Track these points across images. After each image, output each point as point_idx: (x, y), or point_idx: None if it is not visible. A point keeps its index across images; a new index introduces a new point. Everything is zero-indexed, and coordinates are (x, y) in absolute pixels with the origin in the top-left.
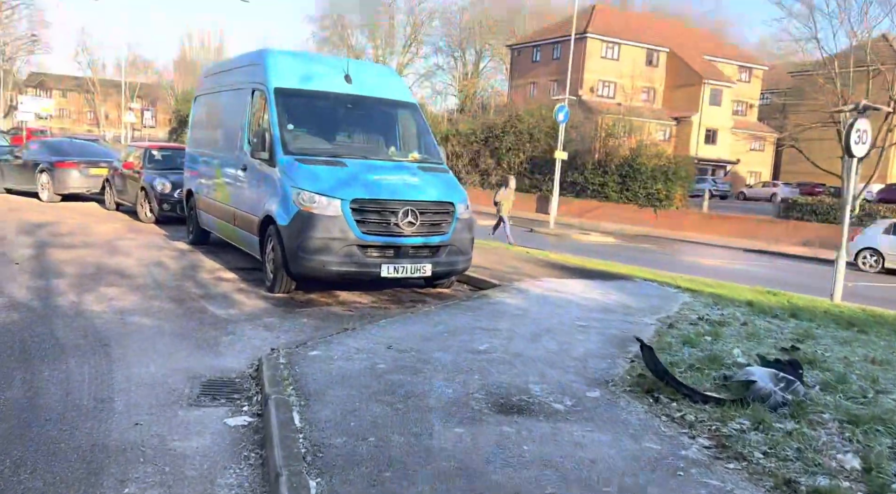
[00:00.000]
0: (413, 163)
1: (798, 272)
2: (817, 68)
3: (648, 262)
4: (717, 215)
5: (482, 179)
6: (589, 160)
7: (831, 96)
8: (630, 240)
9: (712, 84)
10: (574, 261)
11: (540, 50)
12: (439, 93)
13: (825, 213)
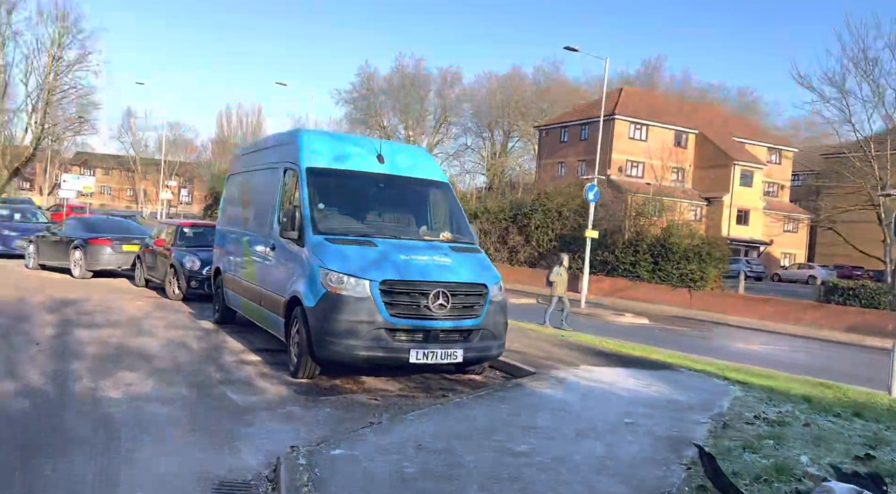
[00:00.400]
0: (445, 242)
1: (844, 360)
2: (852, 150)
3: (686, 346)
4: (754, 297)
5: (511, 256)
6: (619, 239)
7: (870, 179)
8: (665, 322)
9: (742, 165)
10: (611, 346)
11: (567, 130)
12: (468, 172)
13: (869, 298)
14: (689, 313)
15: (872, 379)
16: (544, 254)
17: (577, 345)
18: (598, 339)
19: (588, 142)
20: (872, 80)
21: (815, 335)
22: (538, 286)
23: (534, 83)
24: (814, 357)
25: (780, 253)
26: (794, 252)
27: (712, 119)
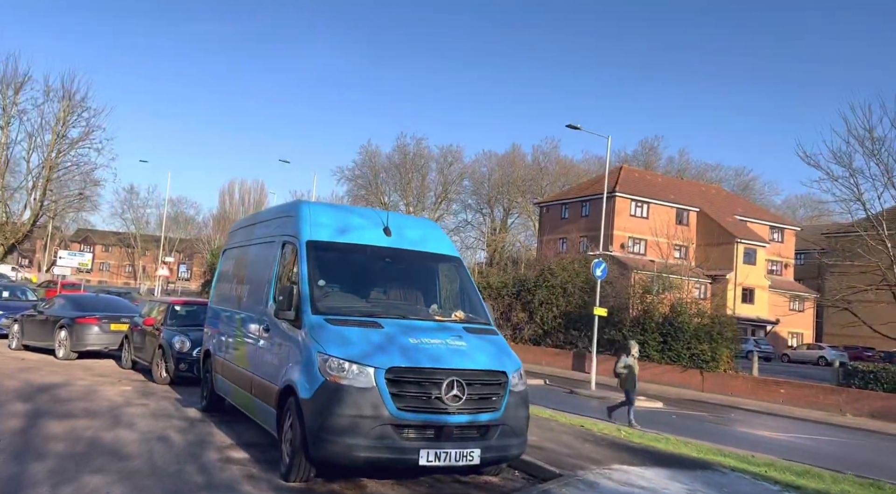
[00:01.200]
0: (458, 323)
1: (873, 450)
2: (864, 228)
3: (709, 434)
4: (768, 379)
5: (514, 334)
6: (626, 317)
7: (884, 258)
8: (679, 406)
9: (745, 243)
10: (638, 439)
11: (568, 207)
12: (469, 248)
13: (892, 381)
14: (703, 396)
15: None
16: (549, 332)
17: (602, 438)
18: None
19: (589, 218)
20: (880, 160)
21: (836, 421)
22: (544, 365)
23: (532, 161)
24: (844, 447)
25: (786, 333)
26: (800, 331)
27: (712, 197)
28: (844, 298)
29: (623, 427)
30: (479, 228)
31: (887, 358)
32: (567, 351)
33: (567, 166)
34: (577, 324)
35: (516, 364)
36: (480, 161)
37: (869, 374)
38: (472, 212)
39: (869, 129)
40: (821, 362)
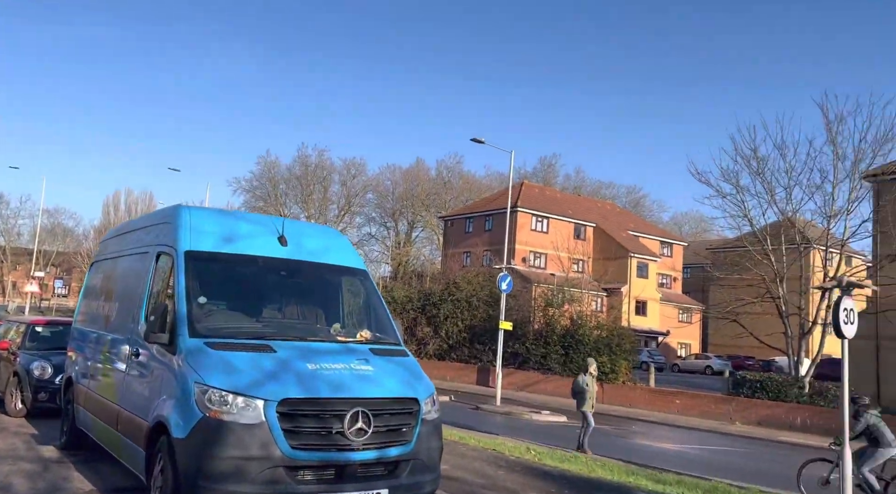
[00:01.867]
0: (363, 344)
1: (763, 458)
2: (748, 243)
3: (615, 448)
4: (664, 390)
5: (419, 349)
6: (530, 330)
7: (769, 271)
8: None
9: (638, 257)
10: (551, 462)
11: (472, 221)
12: (373, 262)
13: (776, 391)
14: (604, 408)
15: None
16: (454, 346)
17: (517, 464)
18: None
19: (492, 232)
20: (764, 178)
21: (727, 430)
22: (449, 380)
23: (436, 175)
24: (738, 456)
25: (676, 343)
26: (689, 342)
27: (607, 213)
28: (733, 310)
29: (533, 447)
30: (384, 241)
31: (766, 365)
32: (472, 366)
33: (470, 181)
34: (481, 338)
35: (429, 389)
36: (384, 174)
37: (756, 383)
38: (375, 225)
39: (754, 149)
40: (707, 371)
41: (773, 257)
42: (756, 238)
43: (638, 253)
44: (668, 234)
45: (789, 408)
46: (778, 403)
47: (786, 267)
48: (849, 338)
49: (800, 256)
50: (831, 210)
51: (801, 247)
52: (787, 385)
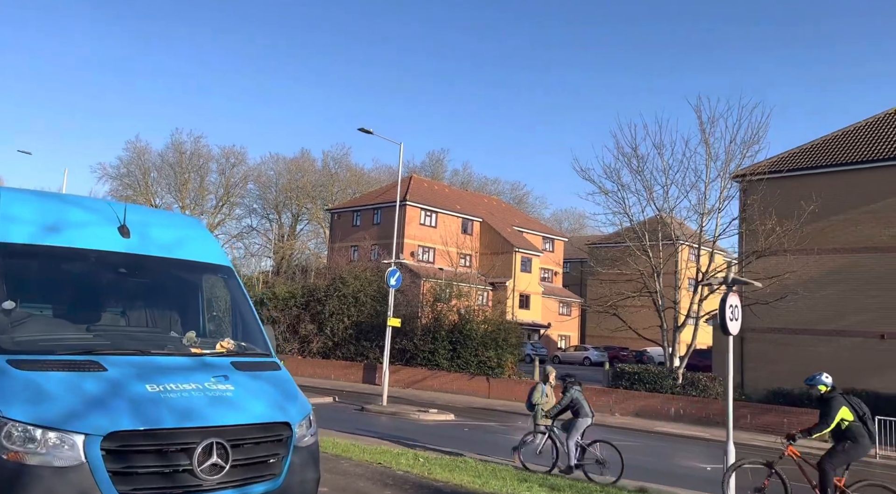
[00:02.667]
0: (224, 356)
1: (652, 451)
2: (628, 238)
3: (503, 449)
4: None
5: (302, 347)
6: (418, 326)
7: (647, 266)
8: (470, 416)
9: (522, 252)
10: (442, 473)
11: (360, 215)
12: (254, 256)
13: (653, 382)
14: (491, 403)
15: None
16: (339, 344)
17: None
18: (417, 458)
19: (381, 226)
20: (643, 177)
21: (608, 422)
22: (334, 379)
23: (323, 167)
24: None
25: (556, 336)
26: (568, 334)
27: (493, 208)
28: (613, 304)
29: (421, 454)
30: (266, 234)
31: (639, 356)
32: (358, 364)
33: (358, 174)
34: (368, 335)
35: (304, 409)
36: (267, 164)
37: (634, 375)
38: (257, 217)
39: (634, 147)
40: (586, 362)
41: (650, 253)
42: (635, 233)
43: (522, 249)
44: (550, 230)
45: (664, 399)
46: (654, 394)
47: (662, 263)
48: (733, 335)
49: (675, 252)
50: (704, 208)
51: (676, 243)
52: (663, 376)
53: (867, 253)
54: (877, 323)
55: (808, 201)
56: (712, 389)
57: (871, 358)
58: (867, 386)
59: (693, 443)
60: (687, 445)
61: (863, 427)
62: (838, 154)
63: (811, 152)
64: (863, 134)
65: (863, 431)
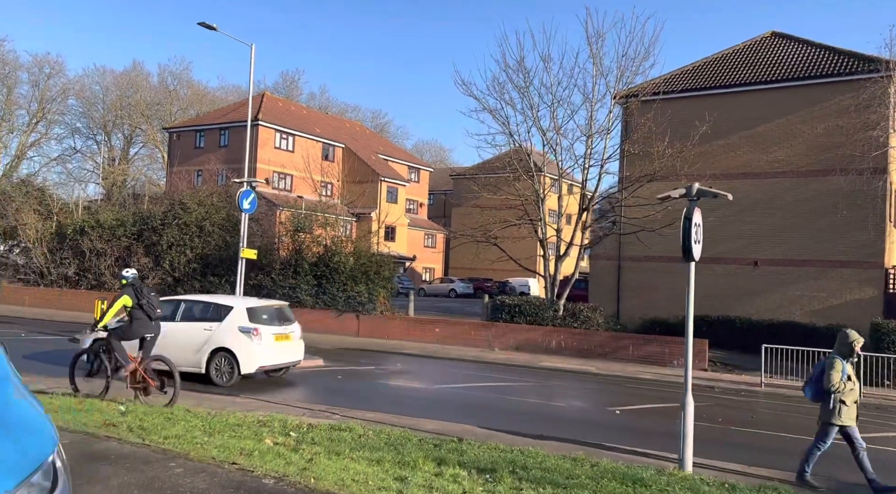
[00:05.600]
0: None
1: (547, 392)
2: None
3: (384, 398)
4: (423, 318)
5: None
6: (276, 259)
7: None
8: (341, 359)
9: (388, 181)
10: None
11: (204, 135)
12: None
13: (533, 314)
14: (362, 342)
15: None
16: (181, 279)
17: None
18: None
19: (229, 149)
20: (527, 93)
21: (488, 358)
22: None
23: (159, 82)
24: (518, 393)
25: (421, 268)
26: (433, 266)
27: (356, 134)
28: (492, 233)
29: (292, 423)
30: (93, 158)
31: (502, 286)
32: None
33: (201, 93)
34: (216, 269)
35: (38, 452)
36: (91, 77)
37: (514, 308)
38: (82, 137)
39: (520, 59)
40: (451, 294)
41: (535, 179)
42: (518, 156)
43: (388, 178)
44: (415, 160)
45: (546, 332)
46: (535, 327)
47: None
48: (696, 260)
49: (559, 178)
50: (591, 129)
51: (561, 172)
52: (544, 308)
53: (745, 178)
54: (750, 250)
55: (694, 124)
56: (593, 320)
57: (745, 285)
58: (741, 313)
59: (584, 379)
60: (579, 381)
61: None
62: (722, 76)
63: (697, 73)
64: (745, 56)
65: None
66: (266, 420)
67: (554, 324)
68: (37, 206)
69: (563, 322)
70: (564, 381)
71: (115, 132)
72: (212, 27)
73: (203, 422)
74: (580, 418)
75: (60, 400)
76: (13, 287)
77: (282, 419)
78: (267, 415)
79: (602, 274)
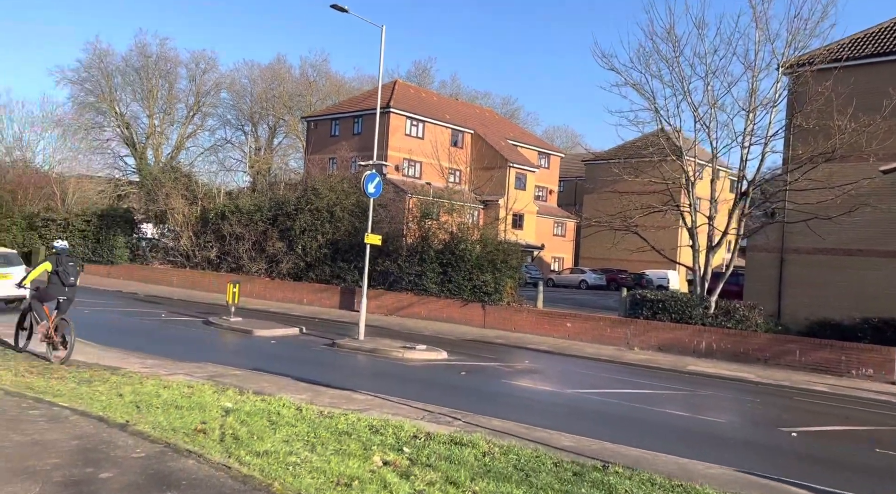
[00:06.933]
0: None
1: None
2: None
3: (513, 400)
4: (553, 312)
5: (270, 267)
6: (403, 245)
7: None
8: (465, 352)
9: (517, 168)
10: None
11: (339, 123)
12: (229, 170)
13: (679, 311)
14: (486, 334)
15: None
16: (312, 264)
17: None
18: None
19: (362, 136)
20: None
21: (628, 358)
22: (306, 304)
23: (300, 75)
24: (671, 401)
25: (550, 258)
26: (562, 256)
27: (486, 120)
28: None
29: (421, 432)
30: (241, 148)
31: (637, 278)
32: (334, 287)
33: (338, 83)
34: (346, 255)
35: None
36: (241, 71)
37: (658, 304)
38: (232, 129)
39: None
40: (583, 285)
41: (684, 161)
42: (665, 135)
43: (517, 164)
44: (546, 145)
45: (693, 331)
46: (681, 325)
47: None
48: None
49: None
50: (752, 103)
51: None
52: (692, 305)
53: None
54: None
55: (885, 93)
56: (751, 320)
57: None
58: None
59: (742, 389)
60: (736, 391)
61: None
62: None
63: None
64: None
65: None
66: (379, 425)
67: (703, 323)
68: (184, 192)
69: (714, 321)
70: (719, 390)
71: (261, 123)
72: (343, 9)
73: (309, 428)
74: (747, 439)
75: (167, 393)
76: (163, 268)
77: (397, 425)
78: (381, 419)
79: (761, 268)
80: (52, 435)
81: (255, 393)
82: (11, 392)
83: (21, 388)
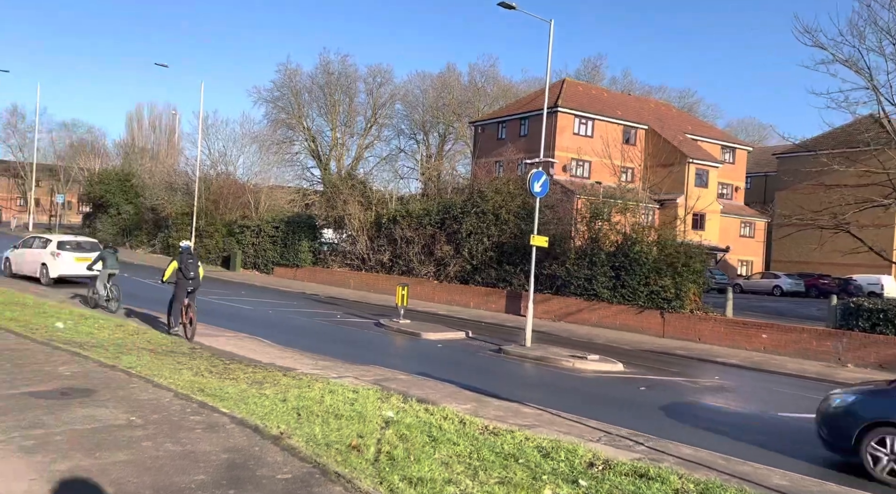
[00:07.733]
0: None
1: None
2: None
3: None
4: (745, 321)
5: (438, 270)
6: (571, 248)
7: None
8: (643, 364)
9: (697, 163)
10: None
11: (506, 126)
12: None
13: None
14: (666, 344)
15: None
16: (479, 267)
17: None
18: None
19: (528, 138)
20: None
21: (840, 376)
22: (473, 308)
23: (469, 81)
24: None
25: (736, 261)
26: (750, 259)
27: (661, 114)
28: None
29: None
30: (413, 156)
31: (844, 284)
32: (500, 291)
33: (506, 87)
34: (511, 258)
35: None
36: (413, 82)
37: (878, 314)
38: (405, 138)
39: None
40: (776, 291)
41: None
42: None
43: (697, 159)
44: (730, 138)
45: None
46: None
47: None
48: None
49: None
50: None
51: None
52: None
53: None
54: None
55: None
56: None
57: None
58: None
59: None
60: None
61: None
62: None
63: None
64: None
65: None
66: (550, 448)
67: None
68: (360, 198)
69: None
70: None
71: (432, 131)
72: (511, 6)
73: (472, 447)
74: None
75: (330, 399)
76: (342, 271)
77: (570, 449)
78: (551, 440)
79: None
80: (205, 446)
81: (418, 400)
82: (181, 394)
83: (192, 390)
